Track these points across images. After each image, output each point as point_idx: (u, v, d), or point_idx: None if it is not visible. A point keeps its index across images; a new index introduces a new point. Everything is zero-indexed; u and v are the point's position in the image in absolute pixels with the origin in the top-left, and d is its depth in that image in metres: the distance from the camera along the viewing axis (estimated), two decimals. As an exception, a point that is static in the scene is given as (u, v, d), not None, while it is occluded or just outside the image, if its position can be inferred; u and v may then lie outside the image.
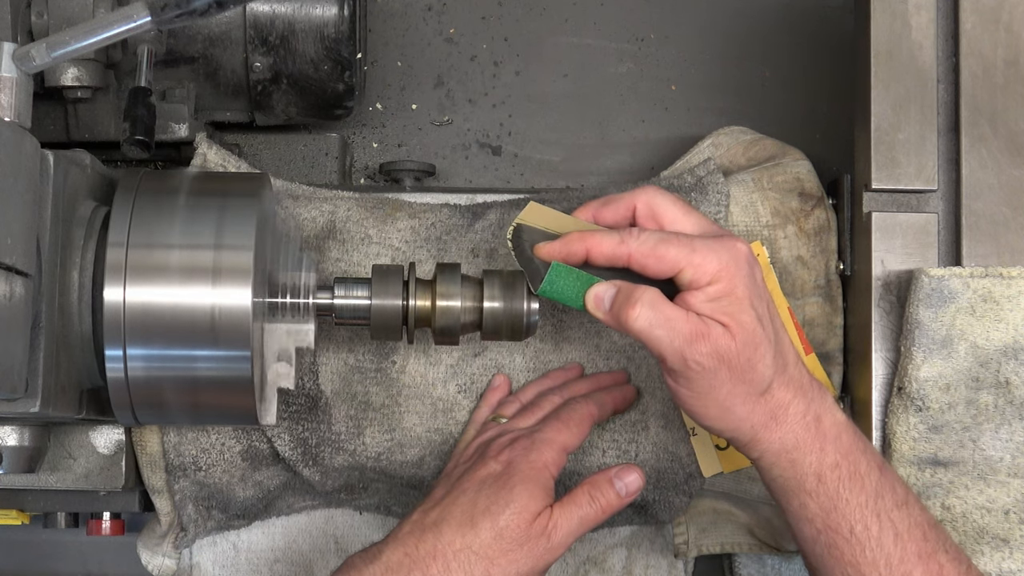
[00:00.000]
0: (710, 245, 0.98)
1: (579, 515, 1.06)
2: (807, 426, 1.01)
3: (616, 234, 1.00)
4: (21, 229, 0.93)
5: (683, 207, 1.03)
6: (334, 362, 1.19)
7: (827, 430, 1.01)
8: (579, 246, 1.01)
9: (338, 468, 1.20)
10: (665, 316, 0.98)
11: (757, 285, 0.99)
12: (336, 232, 1.21)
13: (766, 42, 1.42)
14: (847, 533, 1.00)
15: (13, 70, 0.95)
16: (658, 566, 1.28)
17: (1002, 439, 1.11)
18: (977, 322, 1.10)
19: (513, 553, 1.04)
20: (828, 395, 1.03)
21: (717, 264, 0.97)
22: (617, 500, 1.08)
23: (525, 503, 1.04)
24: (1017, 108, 1.15)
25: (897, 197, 1.16)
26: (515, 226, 1.04)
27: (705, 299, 0.98)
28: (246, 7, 1.20)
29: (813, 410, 1.01)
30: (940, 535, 1.02)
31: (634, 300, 0.98)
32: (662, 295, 0.98)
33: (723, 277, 0.97)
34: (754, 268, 1.00)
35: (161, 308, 1.01)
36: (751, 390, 1.00)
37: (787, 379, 1.00)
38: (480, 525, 1.04)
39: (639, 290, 0.98)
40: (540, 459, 1.08)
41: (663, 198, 1.02)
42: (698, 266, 0.97)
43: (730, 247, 0.98)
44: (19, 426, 1.11)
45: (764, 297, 1.00)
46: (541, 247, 1.02)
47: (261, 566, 1.27)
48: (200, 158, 1.22)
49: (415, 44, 1.43)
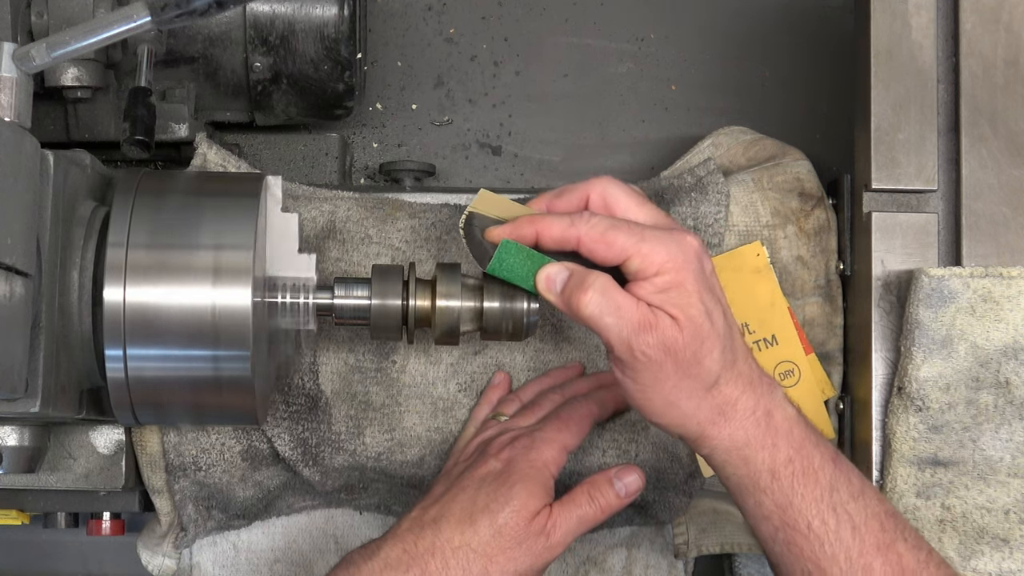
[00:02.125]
0: (659, 236, 0.97)
1: (578, 515, 1.06)
2: (757, 422, 0.99)
3: (567, 217, 0.99)
4: (21, 229, 0.93)
5: (636, 198, 1.01)
6: (334, 362, 1.19)
7: (778, 425, 0.99)
8: (528, 229, 1.00)
9: (338, 468, 1.20)
10: (616, 303, 0.96)
11: (707, 278, 0.98)
12: (336, 232, 1.21)
13: (766, 42, 1.43)
14: (804, 529, 0.99)
15: (13, 70, 0.95)
16: (658, 566, 1.28)
17: (1002, 439, 1.11)
18: (977, 322, 1.10)
19: (511, 551, 1.04)
20: (778, 389, 1.01)
21: (665, 255, 0.96)
22: (617, 501, 1.08)
23: (524, 501, 1.05)
24: (1017, 108, 1.15)
25: (897, 197, 1.16)
26: (467, 214, 1.03)
27: (653, 290, 0.96)
28: (246, 7, 1.20)
29: (763, 405, 0.99)
30: (898, 523, 1.00)
31: (586, 286, 0.97)
32: (614, 282, 0.97)
33: (671, 268, 0.96)
34: (703, 261, 0.98)
35: (161, 308, 1.01)
36: (697, 385, 0.98)
37: (736, 374, 0.99)
38: (479, 523, 1.04)
39: (591, 275, 0.97)
40: (540, 458, 1.08)
41: (617, 188, 1.01)
42: (646, 255, 0.96)
43: (679, 239, 0.97)
44: (19, 426, 1.11)
45: (715, 291, 0.99)
46: (491, 230, 1.01)
47: (261, 566, 1.27)
48: (200, 158, 1.22)
49: (415, 44, 1.43)
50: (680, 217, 1.20)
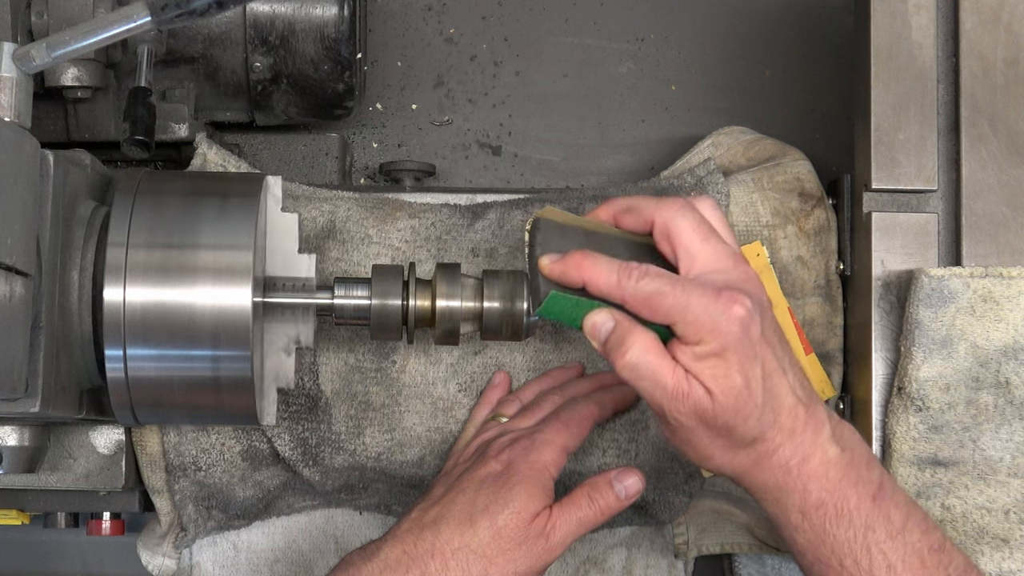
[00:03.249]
0: (705, 304, 0.95)
1: (578, 516, 1.06)
2: (789, 470, 0.99)
3: (614, 273, 0.97)
4: (21, 229, 0.93)
5: (703, 233, 0.99)
6: (334, 362, 1.19)
7: (812, 471, 0.99)
8: (576, 275, 0.99)
9: (338, 468, 1.21)
10: (652, 368, 0.96)
11: (752, 346, 0.96)
12: (336, 232, 1.21)
13: (766, 42, 1.43)
14: (837, 566, 1.00)
15: (13, 70, 0.95)
16: (658, 566, 1.28)
17: (1002, 439, 1.11)
18: (977, 322, 1.10)
19: (511, 552, 1.04)
20: (824, 429, 1.00)
21: (709, 324, 0.95)
22: (617, 503, 1.08)
23: (524, 503, 1.05)
24: (1017, 108, 1.15)
25: (897, 197, 1.16)
26: (533, 219, 1.02)
27: (693, 357, 0.96)
28: (246, 7, 1.20)
29: (801, 452, 0.99)
30: (943, 558, 1.00)
31: (626, 346, 0.97)
32: (654, 342, 0.97)
33: (713, 338, 0.95)
34: (751, 328, 0.96)
35: (161, 308, 1.01)
36: (732, 444, 0.99)
37: (776, 430, 0.99)
38: (479, 524, 1.04)
39: (633, 335, 0.97)
40: (540, 460, 1.08)
41: (683, 221, 0.99)
42: (688, 324, 0.95)
43: (726, 307, 0.95)
44: (19, 426, 1.11)
45: (759, 355, 0.97)
46: (543, 261, 1.00)
47: (261, 566, 1.27)
48: (200, 158, 1.22)
49: (415, 44, 1.43)
50: (680, 217, 1.20)
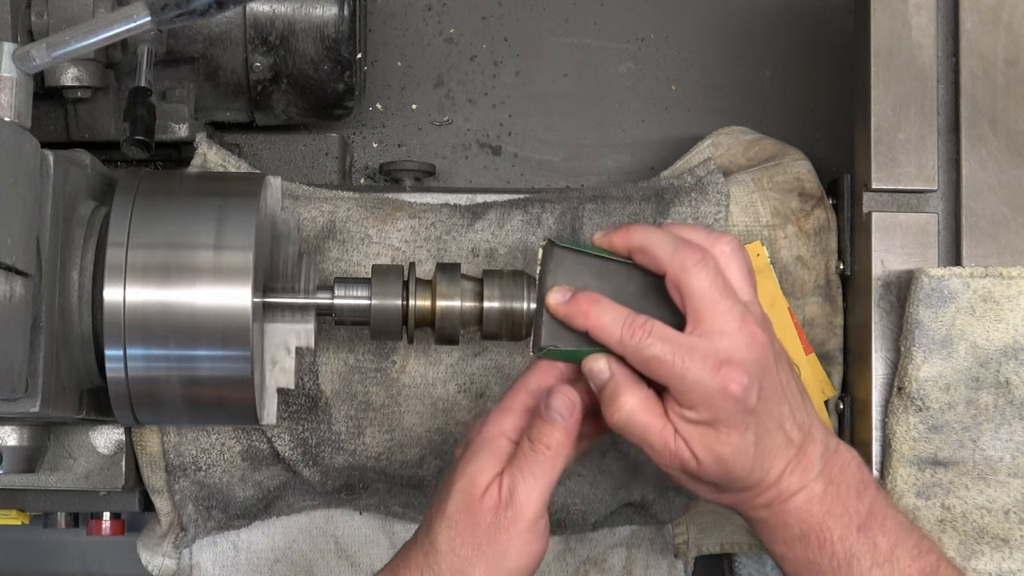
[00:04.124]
0: (703, 378, 0.94)
1: (531, 468, 0.97)
2: (772, 508, 1.00)
3: (619, 326, 0.96)
4: (21, 229, 0.93)
5: (714, 294, 0.96)
6: (334, 362, 1.19)
7: (795, 508, 0.99)
8: (582, 321, 0.97)
9: (338, 468, 1.20)
10: (641, 428, 0.96)
11: (746, 414, 0.95)
12: (336, 232, 1.21)
13: (766, 42, 1.43)
14: None
15: (13, 70, 0.95)
16: (658, 566, 1.28)
17: (1002, 439, 1.11)
18: (977, 322, 1.10)
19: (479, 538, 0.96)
20: (812, 469, 0.99)
21: (704, 397, 0.94)
22: (561, 433, 0.98)
23: (470, 479, 0.97)
24: (1017, 108, 1.15)
25: (897, 197, 1.16)
26: (547, 243, 1.01)
27: (683, 420, 0.95)
28: (246, 7, 1.20)
29: (786, 493, 0.99)
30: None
31: (617, 404, 0.96)
32: (646, 401, 0.96)
33: (706, 410, 0.94)
34: (748, 398, 0.94)
35: (161, 308, 1.01)
36: (717, 490, 1.00)
37: (764, 482, 0.98)
38: (435, 528, 0.98)
39: (625, 394, 0.96)
40: (495, 428, 1.00)
41: (695, 281, 0.96)
42: (683, 393, 0.94)
43: (723, 384, 0.94)
44: (19, 426, 1.11)
45: (754, 422, 0.96)
46: (551, 297, 0.99)
47: (261, 566, 1.27)
48: (200, 158, 1.22)
49: (415, 44, 1.43)
50: (680, 217, 1.20)
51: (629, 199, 1.22)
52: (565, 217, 1.21)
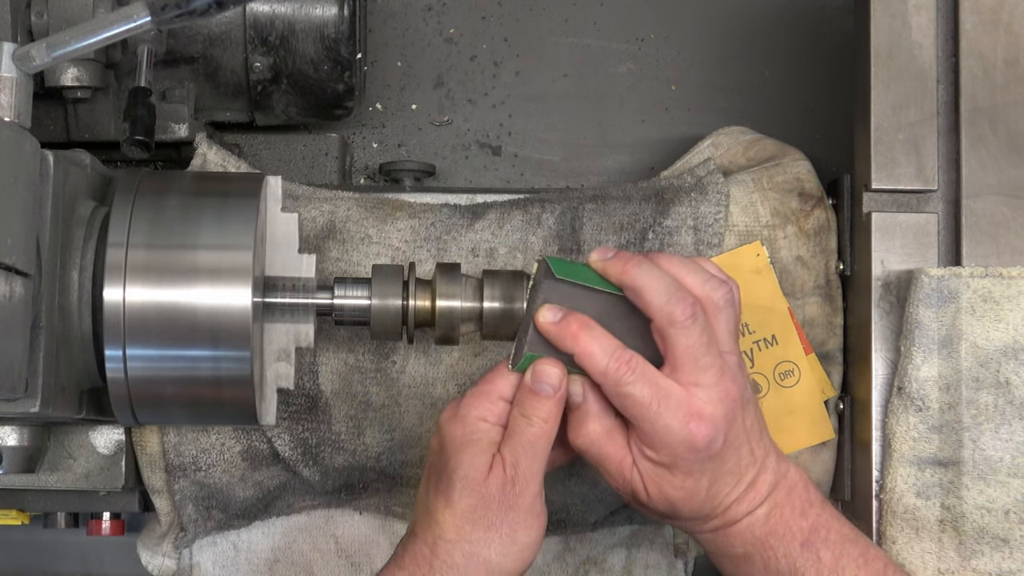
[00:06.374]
0: (673, 427, 0.96)
1: (530, 441, 0.99)
2: (716, 532, 1.04)
3: (605, 360, 0.97)
4: (21, 229, 0.93)
5: (695, 353, 0.97)
6: (334, 362, 1.19)
7: (737, 532, 1.03)
8: (570, 345, 0.98)
9: (338, 468, 1.21)
10: (601, 455, 1.00)
11: (703, 461, 0.98)
12: (336, 232, 1.21)
13: (766, 42, 1.43)
14: None
15: (13, 70, 0.95)
16: (658, 566, 1.28)
17: (1002, 439, 1.11)
18: (977, 322, 1.10)
19: (489, 519, 0.98)
20: (758, 497, 1.02)
21: (668, 441, 0.97)
22: (553, 404, 0.99)
23: (469, 465, 0.98)
24: (1017, 108, 1.15)
25: (897, 197, 1.16)
26: (541, 261, 1.01)
27: (643, 457, 0.99)
28: (246, 7, 1.20)
29: (729, 520, 1.02)
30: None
31: (583, 430, 1.00)
32: (610, 433, 1.00)
33: (668, 453, 0.98)
34: (709, 448, 0.97)
35: (161, 308, 1.01)
36: (663, 518, 1.04)
37: (709, 519, 1.02)
38: (440, 519, 0.99)
39: (591, 423, 1.00)
40: (475, 412, 1.01)
41: (681, 338, 0.97)
42: (647, 433, 0.97)
43: (690, 436, 0.97)
44: (19, 426, 1.11)
45: (710, 468, 0.99)
46: (541, 316, 0.99)
47: (261, 566, 1.27)
48: (200, 158, 1.22)
49: (415, 44, 1.43)
50: (680, 217, 1.20)
51: (629, 199, 1.22)
52: (565, 217, 1.21)
